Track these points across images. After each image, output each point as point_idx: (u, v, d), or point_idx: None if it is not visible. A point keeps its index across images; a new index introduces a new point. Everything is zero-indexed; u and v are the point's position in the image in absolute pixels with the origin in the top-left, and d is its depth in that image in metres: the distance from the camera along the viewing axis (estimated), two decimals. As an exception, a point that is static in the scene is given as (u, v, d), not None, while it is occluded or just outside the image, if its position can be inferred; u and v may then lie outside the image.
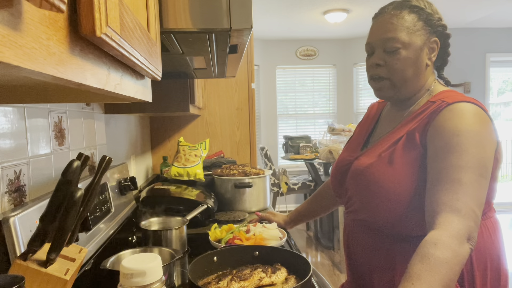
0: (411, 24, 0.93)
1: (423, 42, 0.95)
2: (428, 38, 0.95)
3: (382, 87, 0.98)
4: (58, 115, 1.00)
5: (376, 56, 0.97)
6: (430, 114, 0.91)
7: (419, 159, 0.89)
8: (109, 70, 0.40)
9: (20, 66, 0.22)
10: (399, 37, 0.93)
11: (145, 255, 0.59)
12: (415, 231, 0.91)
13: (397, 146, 0.93)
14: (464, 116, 0.85)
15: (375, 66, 0.97)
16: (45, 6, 0.22)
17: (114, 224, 1.17)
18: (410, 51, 0.93)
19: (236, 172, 1.83)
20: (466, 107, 0.87)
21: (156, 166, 2.47)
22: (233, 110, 2.56)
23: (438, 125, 0.87)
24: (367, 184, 0.96)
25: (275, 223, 1.36)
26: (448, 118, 0.86)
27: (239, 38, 0.79)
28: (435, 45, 0.97)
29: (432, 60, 0.98)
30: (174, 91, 1.58)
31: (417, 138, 0.90)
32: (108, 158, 0.59)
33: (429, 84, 1.00)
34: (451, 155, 0.82)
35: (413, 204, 0.89)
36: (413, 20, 0.94)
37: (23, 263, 0.53)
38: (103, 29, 0.32)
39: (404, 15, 0.94)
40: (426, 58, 0.96)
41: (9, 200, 0.76)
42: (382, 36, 0.95)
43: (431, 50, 0.97)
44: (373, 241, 0.98)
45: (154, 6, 0.59)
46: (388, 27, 0.94)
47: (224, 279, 0.86)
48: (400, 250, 0.93)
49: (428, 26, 0.95)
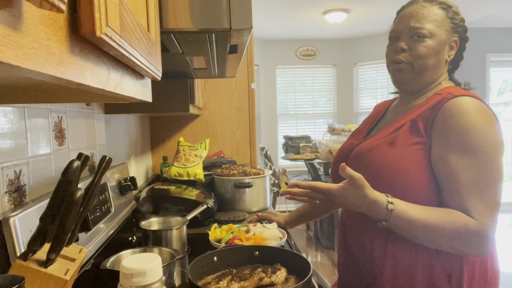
0: (439, 18, 0.99)
1: (447, 37, 1.00)
2: (451, 36, 1.01)
3: (403, 69, 1.01)
4: (58, 115, 1.00)
5: (401, 41, 1.01)
6: (435, 104, 0.94)
7: (420, 145, 0.93)
8: (109, 70, 0.40)
9: (20, 66, 0.22)
10: (428, 26, 0.97)
11: (145, 255, 0.59)
12: None
13: (399, 132, 0.97)
14: (468, 111, 0.89)
15: (400, 50, 1.01)
16: (45, 6, 0.22)
17: (114, 224, 1.17)
18: (435, 41, 0.98)
19: (236, 172, 1.83)
20: (472, 101, 0.90)
21: (156, 166, 2.47)
22: (233, 110, 2.56)
23: (444, 118, 0.91)
24: (367, 165, 0.99)
25: (275, 223, 1.36)
26: (454, 113, 0.89)
27: (239, 38, 0.79)
28: (454, 44, 1.02)
29: (450, 57, 1.02)
30: (174, 91, 1.58)
31: (421, 126, 0.94)
32: (108, 158, 0.59)
33: (441, 81, 1.04)
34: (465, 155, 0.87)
35: (411, 185, 0.92)
36: (442, 15, 0.99)
37: (23, 263, 0.53)
38: (103, 29, 0.32)
39: (434, 9, 0.99)
40: (446, 53, 1.01)
41: (9, 200, 0.76)
42: (411, 23, 0.99)
43: (451, 48, 1.02)
44: (368, 223, 0.98)
45: (154, 6, 0.59)
46: (419, 16, 0.99)
47: (224, 279, 0.86)
48: (393, 239, 0.95)
49: (453, 24, 1.00)
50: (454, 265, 0.92)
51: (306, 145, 4.88)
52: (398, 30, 1.02)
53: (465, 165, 0.86)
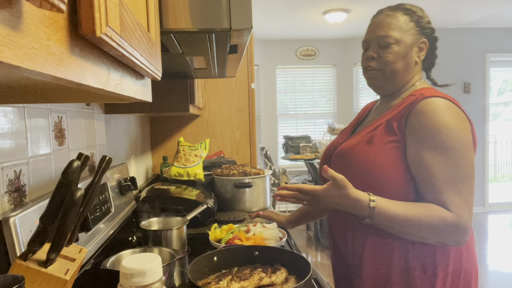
0: (403, 24, 1.05)
1: (413, 40, 1.05)
2: (418, 38, 1.06)
3: (374, 76, 1.08)
4: (58, 115, 1.00)
5: (371, 50, 1.08)
6: (408, 105, 1.00)
7: (395, 143, 0.99)
8: (109, 70, 0.40)
9: (20, 66, 0.22)
10: (392, 34, 1.04)
11: (145, 255, 0.59)
12: None
13: (376, 131, 1.04)
14: (439, 111, 0.95)
15: (370, 58, 1.08)
16: (45, 6, 0.22)
17: (114, 224, 1.17)
18: (401, 47, 1.04)
19: (236, 172, 1.83)
20: (442, 102, 0.96)
21: (156, 166, 2.47)
22: (233, 110, 2.56)
23: (416, 117, 0.96)
24: (348, 162, 1.05)
25: (275, 223, 1.37)
26: (426, 113, 0.95)
27: (239, 38, 0.79)
28: (423, 45, 1.07)
29: (420, 58, 1.08)
30: (174, 91, 1.58)
31: (395, 126, 1.00)
32: (108, 158, 0.59)
33: (415, 81, 1.10)
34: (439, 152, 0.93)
35: (388, 181, 0.97)
36: (406, 20, 1.05)
37: (23, 263, 0.53)
38: (103, 29, 0.32)
39: (398, 16, 1.05)
40: (415, 55, 1.07)
41: (9, 200, 0.76)
42: (377, 33, 1.06)
43: (420, 49, 1.07)
44: (349, 218, 1.04)
45: (154, 6, 0.59)
46: (383, 26, 1.06)
47: (224, 279, 0.86)
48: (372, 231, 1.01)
49: (418, 27, 1.06)
50: (428, 255, 0.96)
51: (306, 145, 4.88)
52: (367, 39, 1.10)
53: (439, 162, 0.92)
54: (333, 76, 5.84)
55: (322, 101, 5.89)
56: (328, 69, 5.82)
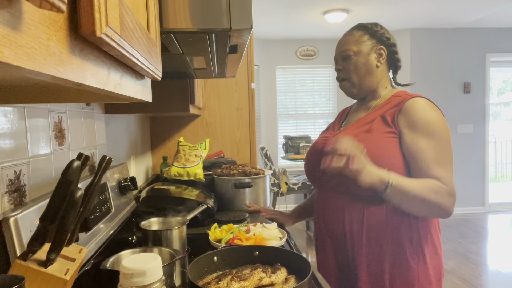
0: (358, 38, 1.26)
1: (370, 49, 1.25)
2: (375, 46, 1.26)
3: (345, 86, 1.29)
4: (58, 115, 1.00)
5: (337, 64, 1.30)
6: (397, 103, 1.19)
7: (392, 133, 1.17)
8: (109, 70, 0.40)
9: (20, 66, 0.22)
10: (350, 48, 1.26)
11: (145, 255, 0.59)
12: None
13: (373, 123, 1.20)
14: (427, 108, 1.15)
15: (337, 71, 1.30)
16: (45, 6, 0.22)
17: (114, 224, 1.17)
18: (360, 56, 1.25)
19: (236, 172, 1.83)
20: (425, 101, 1.17)
21: (156, 166, 2.47)
22: (233, 110, 2.56)
23: (408, 113, 1.15)
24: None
25: (275, 223, 1.37)
26: (417, 109, 1.15)
27: (239, 38, 0.79)
28: (382, 51, 1.26)
29: (381, 62, 1.26)
30: (174, 91, 1.58)
31: (389, 120, 1.18)
32: (108, 158, 0.59)
33: (385, 84, 1.29)
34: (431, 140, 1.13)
35: (390, 164, 1.11)
36: (360, 35, 1.27)
37: (23, 263, 0.53)
38: (103, 29, 0.32)
39: (354, 32, 1.28)
40: (375, 61, 1.26)
41: (9, 200, 0.76)
42: (339, 49, 1.30)
43: (379, 55, 1.26)
44: (346, 203, 1.20)
45: (154, 6, 0.59)
46: (344, 42, 1.28)
47: (224, 279, 0.86)
48: (368, 211, 1.17)
49: (373, 38, 1.26)
50: (414, 230, 1.17)
51: (306, 145, 4.88)
52: (335, 57, 1.32)
53: (432, 147, 1.12)
54: (333, 76, 5.84)
55: (322, 101, 5.89)
56: (328, 69, 5.82)
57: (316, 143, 1.35)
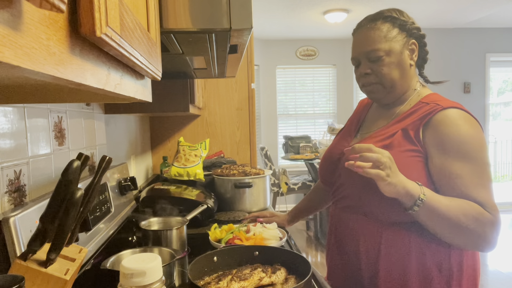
0: (387, 33, 1.03)
1: (402, 46, 1.04)
2: (406, 42, 1.05)
3: (374, 89, 1.07)
4: (58, 115, 1.00)
5: (362, 66, 1.07)
6: (423, 115, 1.00)
7: (415, 152, 0.98)
8: (109, 70, 0.40)
9: (20, 66, 0.22)
10: (380, 47, 1.02)
11: (145, 255, 0.59)
12: (403, 217, 0.97)
13: (393, 138, 1.02)
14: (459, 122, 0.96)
15: (364, 75, 1.07)
16: (45, 6, 0.22)
17: (114, 224, 1.17)
18: (392, 56, 1.03)
19: (236, 172, 1.83)
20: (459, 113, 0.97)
21: (156, 166, 2.47)
22: (233, 110, 2.56)
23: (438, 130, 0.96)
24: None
25: (275, 223, 1.37)
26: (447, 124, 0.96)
27: (239, 38, 0.79)
28: (414, 46, 1.06)
29: (414, 60, 1.07)
30: (174, 91, 1.58)
31: (412, 135, 0.99)
32: (108, 158, 0.59)
33: (415, 84, 1.10)
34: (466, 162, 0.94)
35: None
36: (388, 28, 1.03)
37: (23, 263, 0.53)
38: (103, 29, 0.32)
39: (379, 26, 1.03)
40: (408, 59, 1.05)
41: (9, 200, 0.76)
42: (364, 49, 1.05)
43: (411, 52, 1.06)
44: (361, 226, 1.05)
45: (154, 6, 0.59)
46: (368, 40, 1.04)
47: (224, 279, 0.86)
48: (386, 235, 1.00)
49: (403, 31, 1.04)
50: (443, 255, 0.97)
51: (306, 145, 4.88)
52: (356, 56, 1.08)
53: (468, 171, 0.93)
54: (333, 76, 5.84)
55: (322, 101, 5.89)
56: (328, 69, 5.82)
57: (332, 149, 1.20)
